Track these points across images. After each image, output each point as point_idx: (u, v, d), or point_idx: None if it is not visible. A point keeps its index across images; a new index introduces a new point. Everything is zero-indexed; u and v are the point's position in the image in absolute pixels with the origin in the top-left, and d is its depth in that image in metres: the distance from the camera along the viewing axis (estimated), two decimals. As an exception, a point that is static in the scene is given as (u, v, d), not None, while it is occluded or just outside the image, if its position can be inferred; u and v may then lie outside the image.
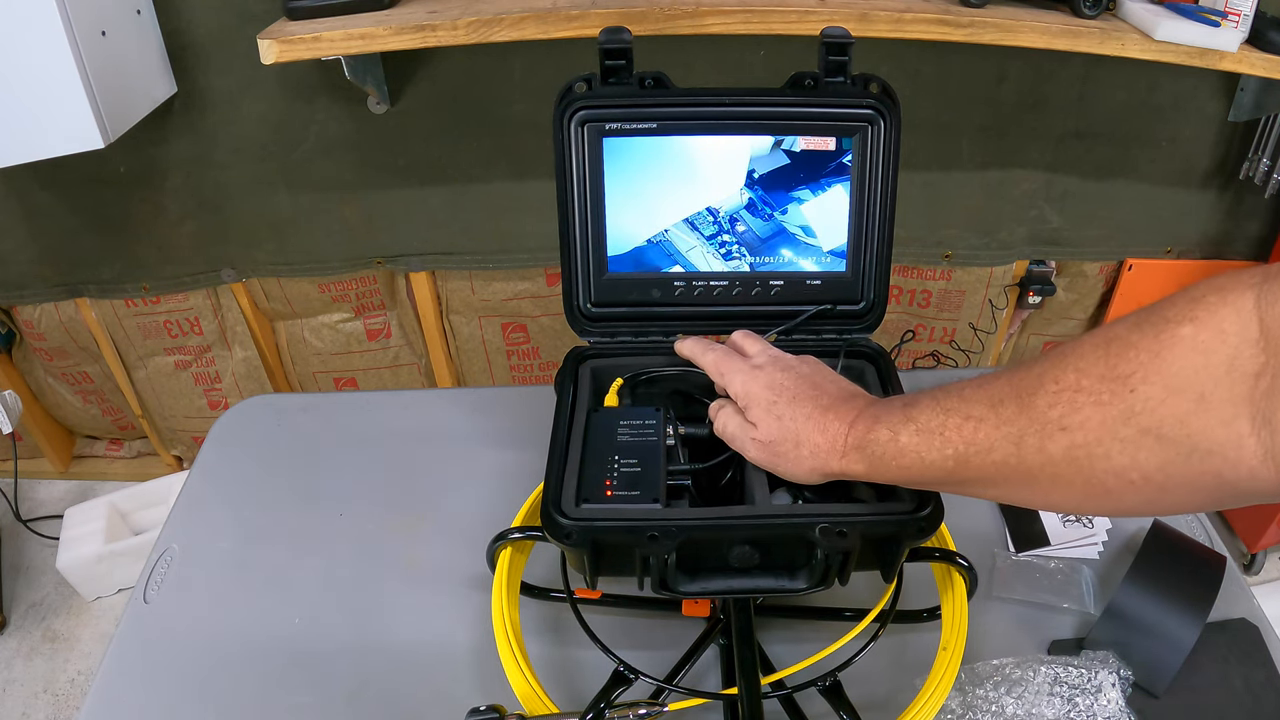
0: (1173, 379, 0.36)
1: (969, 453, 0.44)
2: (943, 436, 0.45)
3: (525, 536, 0.63)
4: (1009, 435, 0.42)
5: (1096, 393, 0.39)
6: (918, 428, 0.47)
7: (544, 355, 1.79)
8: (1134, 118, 1.45)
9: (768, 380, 0.55)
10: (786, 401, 0.54)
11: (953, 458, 0.45)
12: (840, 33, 0.63)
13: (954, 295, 1.69)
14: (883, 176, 0.65)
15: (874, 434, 0.49)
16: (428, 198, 1.55)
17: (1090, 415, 0.39)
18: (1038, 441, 0.41)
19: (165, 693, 0.67)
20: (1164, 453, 0.37)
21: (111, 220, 1.55)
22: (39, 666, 1.61)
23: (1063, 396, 0.40)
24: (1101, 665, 0.62)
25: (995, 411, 0.43)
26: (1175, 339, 0.36)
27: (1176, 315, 0.37)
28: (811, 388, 0.54)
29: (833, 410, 0.52)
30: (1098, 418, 0.39)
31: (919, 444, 0.46)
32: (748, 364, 0.58)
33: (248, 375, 1.79)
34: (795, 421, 0.53)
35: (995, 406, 0.43)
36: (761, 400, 0.54)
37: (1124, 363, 0.38)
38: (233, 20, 1.31)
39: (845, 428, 0.51)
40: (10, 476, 1.87)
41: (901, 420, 0.48)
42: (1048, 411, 0.40)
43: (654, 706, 0.57)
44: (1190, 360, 0.36)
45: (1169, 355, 0.36)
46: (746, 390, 0.56)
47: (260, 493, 0.84)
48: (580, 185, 0.65)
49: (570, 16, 1.12)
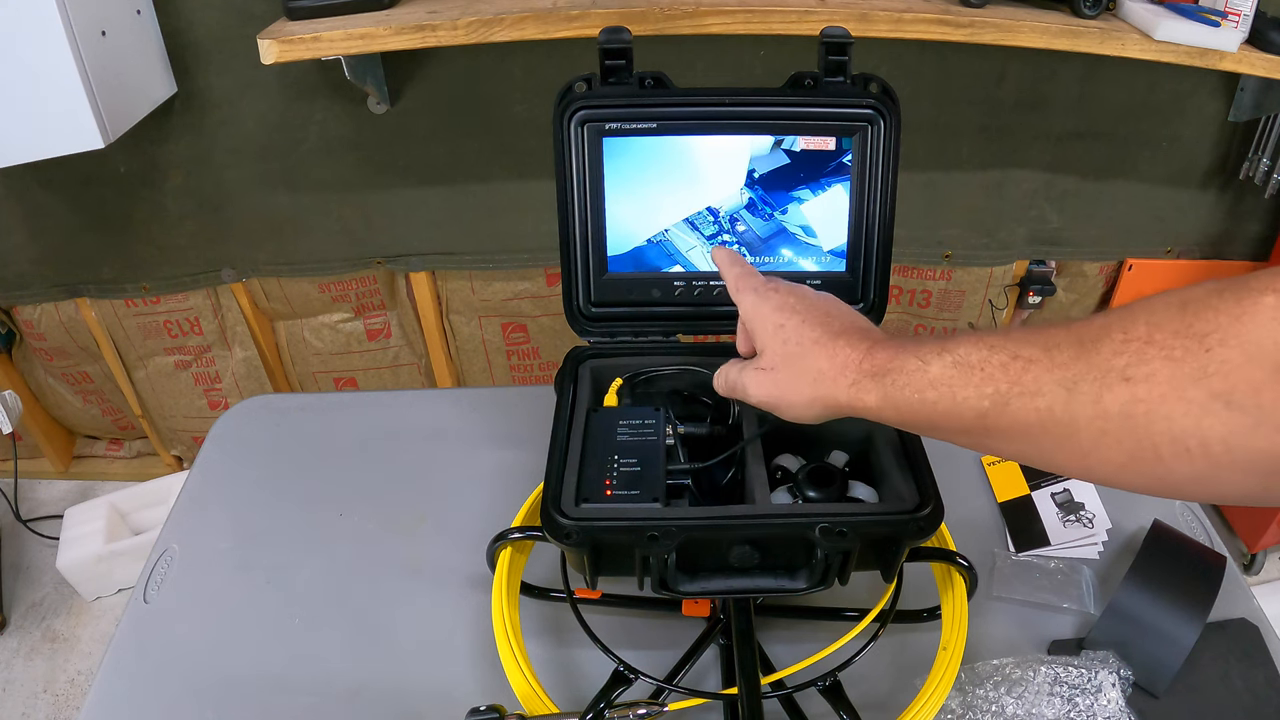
0: (1251, 345, 0.35)
1: (1011, 394, 0.40)
2: (983, 373, 0.42)
3: (525, 536, 0.63)
4: (1062, 379, 0.39)
5: (1169, 347, 0.36)
6: (954, 359, 0.43)
7: (544, 355, 1.79)
8: (1134, 118, 1.45)
9: (779, 302, 0.52)
10: (795, 325, 0.51)
11: (990, 398, 0.41)
12: (840, 33, 0.63)
13: (954, 295, 1.69)
14: (883, 176, 0.65)
15: (898, 361, 0.45)
16: (428, 198, 1.55)
17: (1159, 369, 0.36)
18: (1095, 390, 0.38)
19: (165, 693, 0.67)
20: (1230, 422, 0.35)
21: (111, 220, 1.55)
22: (39, 666, 1.61)
23: (1130, 346, 0.37)
24: (1101, 665, 0.62)
25: (1049, 354, 0.40)
26: (1258, 306, 0.35)
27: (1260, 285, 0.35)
28: (824, 314, 0.51)
29: (844, 336, 0.49)
30: (1166, 373, 0.36)
31: (954, 377, 0.43)
32: (764, 283, 0.55)
33: (248, 375, 1.79)
34: (801, 345, 0.50)
35: (1050, 349, 0.40)
36: (768, 323, 0.52)
37: (1201, 322, 0.36)
38: (233, 20, 1.31)
39: (859, 354, 0.48)
40: (10, 476, 1.87)
41: (935, 351, 0.44)
42: (1111, 359, 0.38)
43: (654, 706, 0.57)
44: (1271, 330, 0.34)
45: (1250, 321, 0.35)
46: (756, 310, 0.53)
47: (260, 493, 0.84)
48: (580, 185, 0.65)
49: (570, 16, 1.12)
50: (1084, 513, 0.79)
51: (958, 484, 0.83)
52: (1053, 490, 0.80)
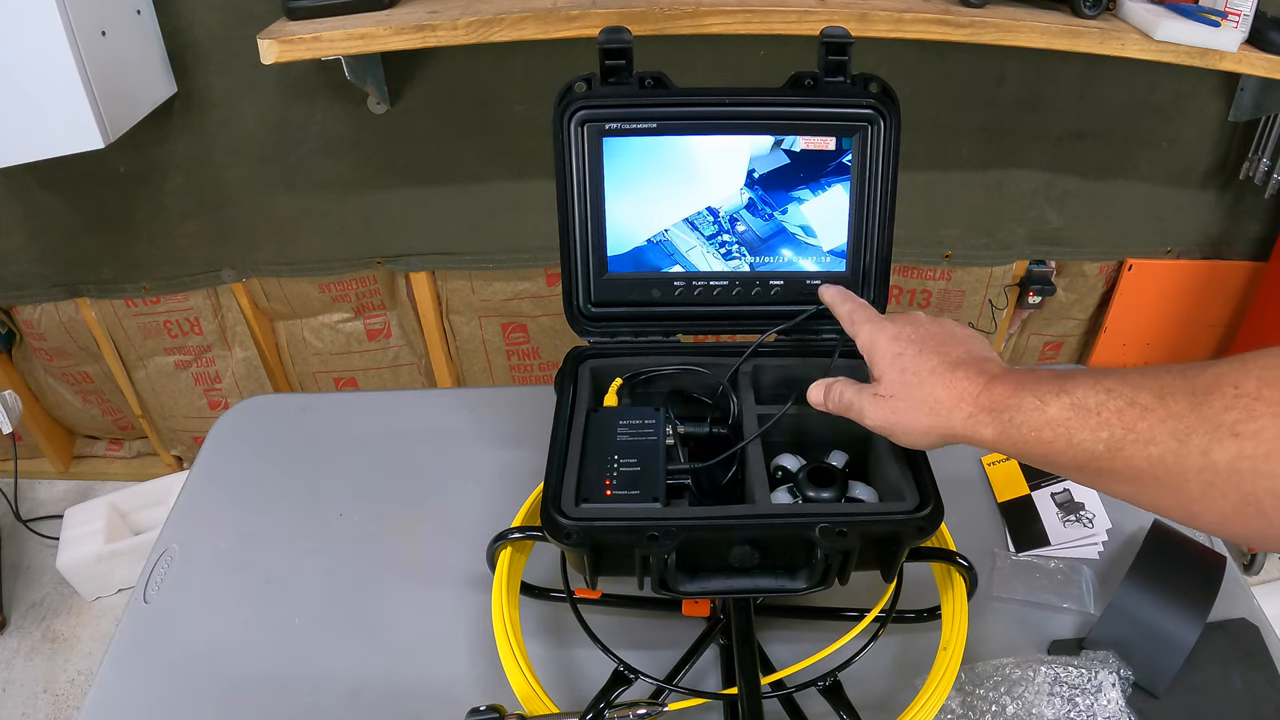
0: None
1: (1125, 440, 0.41)
2: (1099, 417, 0.43)
3: (525, 536, 0.63)
4: (1174, 431, 0.40)
5: (1277, 404, 0.37)
6: (1072, 402, 0.44)
7: (544, 355, 1.79)
8: (1134, 118, 1.45)
9: (895, 331, 0.53)
10: (913, 354, 0.52)
11: (1105, 442, 0.42)
12: (840, 32, 0.63)
13: (954, 295, 1.69)
14: (882, 176, 0.65)
15: (1017, 399, 0.46)
16: (428, 198, 1.55)
17: (1267, 426, 0.37)
18: (1204, 443, 0.39)
19: (165, 693, 0.67)
20: None
21: (111, 220, 1.55)
22: (39, 666, 1.61)
23: (1241, 402, 0.38)
24: (1101, 665, 0.62)
25: (1163, 403, 0.41)
26: None
27: None
28: (939, 343, 0.52)
29: (962, 368, 0.50)
30: (1273, 430, 0.37)
31: (1071, 419, 0.44)
32: (878, 315, 0.56)
33: (248, 375, 1.79)
34: (919, 375, 0.51)
35: (1164, 398, 0.41)
36: (886, 352, 0.53)
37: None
38: (233, 20, 1.31)
39: (977, 387, 0.48)
40: (10, 476, 1.87)
41: (1053, 391, 0.45)
42: (1222, 414, 0.38)
43: (654, 706, 0.57)
44: None
45: None
46: (872, 340, 0.54)
47: (260, 493, 0.84)
48: (580, 185, 0.65)
49: (570, 16, 1.12)
50: (1084, 513, 0.79)
51: (958, 484, 0.83)
52: (1053, 490, 0.80)
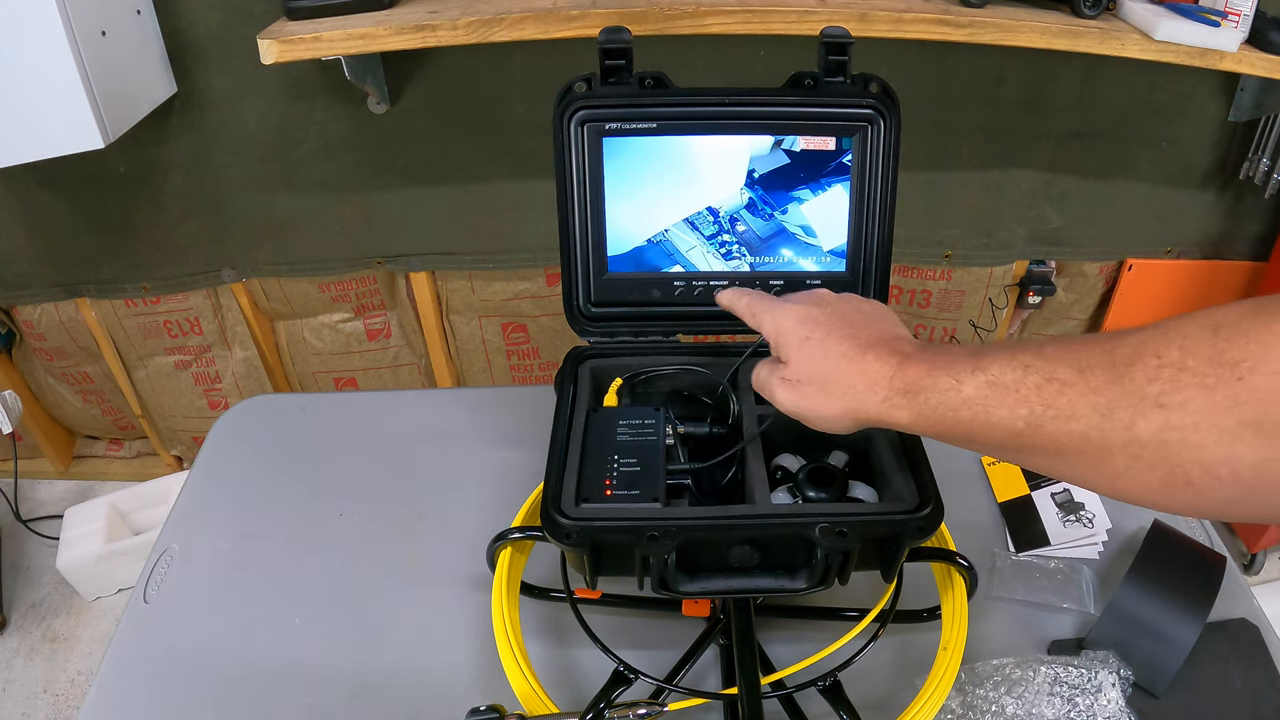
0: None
1: (1045, 417, 0.41)
2: (1017, 394, 0.42)
3: (525, 536, 0.63)
4: (1097, 405, 0.39)
5: (1202, 374, 0.36)
6: (988, 380, 0.43)
7: (544, 355, 1.78)
8: (1134, 118, 1.45)
9: (800, 314, 0.52)
10: (820, 336, 0.50)
11: (1025, 419, 0.41)
12: (840, 33, 0.63)
13: (954, 295, 1.69)
14: (883, 176, 0.65)
15: (932, 379, 0.45)
16: (428, 198, 1.55)
17: (1192, 397, 0.36)
18: (1128, 417, 0.38)
19: (165, 693, 0.67)
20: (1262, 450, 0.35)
21: (111, 220, 1.55)
22: (39, 666, 1.61)
23: (1165, 372, 0.37)
24: (1101, 665, 0.62)
25: (1083, 377, 0.40)
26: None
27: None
28: (849, 325, 0.50)
29: (874, 349, 0.48)
30: (1199, 401, 0.36)
31: (988, 397, 0.43)
32: (780, 300, 0.54)
33: (248, 375, 1.79)
34: (828, 359, 0.49)
35: (1083, 371, 0.40)
36: (793, 336, 0.51)
37: (1234, 349, 0.36)
38: (233, 20, 1.31)
39: (890, 370, 0.47)
40: (10, 476, 1.87)
41: (968, 369, 0.44)
42: (1146, 386, 0.37)
43: (654, 706, 0.57)
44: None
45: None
46: (776, 326, 0.52)
47: (260, 493, 0.84)
48: (580, 185, 0.65)
49: (570, 16, 1.12)
50: (1084, 513, 0.79)
51: (958, 484, 0.83)
52: (1053, 490, 0.80)
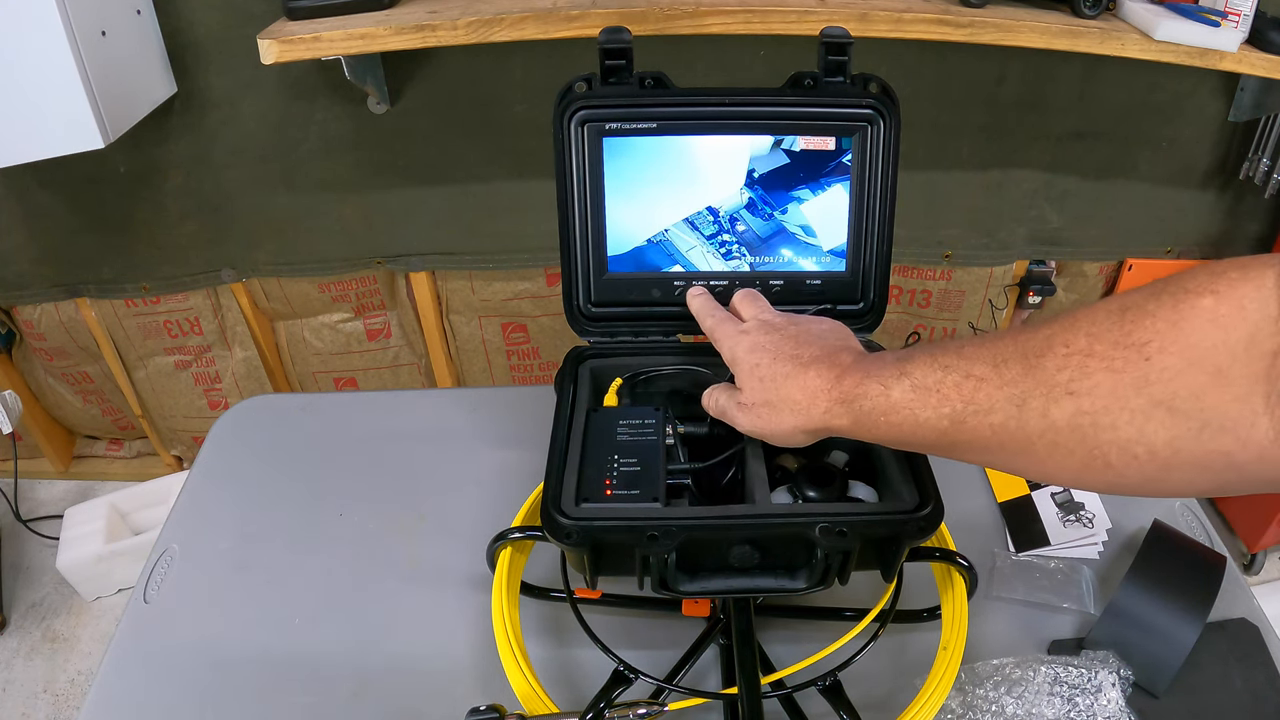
0: (1190, 350, 0.35)
1: (966, 413, 0.42)
2: (939, 394, 0.43)
3: (525, 536, 0.63)
4: (1011, 396, 0.40)
5: (1109, 358, 0.37)
6: (912, 384, 0.45)
7: (544, 355, 1.79)
8: (1134, 118, 1.45)
9: (751, 343, 0.55)
10: (768, 362, 0.53)
11: (948, 417, 0.43)
12: (840, 32, 0.63)
13: (954, 295, 1.69)
14: (882, 176, 0.65)
15: (863, 388, 0.47)
16: (428, 198, 1.55)
17: (1101, 381, 0.37)
18: (1042, 405, 0.39)
19: (165, 693, 0.67)
20: (1174, 427, 0.36)
21: (111, 220, 1.55)
22: (39, 666, 1.61)
23: (1072, 360, 0.38)
24: (1101, 665, 0.62)
25: (998, 371, 0.41)
26: (1195, 310, 0.35)
27: (1197, 287, 0.35)
28: (794, 346, 0.54)
29: (814, 366, 0.51)
30: (1108, 384, 0.37)
31: (913, 401, 0.45)
32: (737, 328, 0.58)
33: (248, 375, 1.79)
34: (775, 381, 0.52)
35: (998, 366, 0.41)
36: (745, 364, 0.55)
37: (1140, 330, 0.36)
38: (233, 20, 1.31)
39: (828, 383, 0.50)
40: (10, 476, 1.87)
41: (894, 375, 0.46)
42: (1055, 374, 0.39)
43: (654, 706, 0.57)
44: (1209, 333, 0.35)
45: (1187, 326, 0.35)
46: (733, 355, 0.56)
47: (260, 493, 0.84)
48: (580, 185, 0.65)
49: (570, 16, 1.12)
50: (1084, 513, 0.79)
51: (958, 484, 0.83)
52: (1053, 490, 0.80)
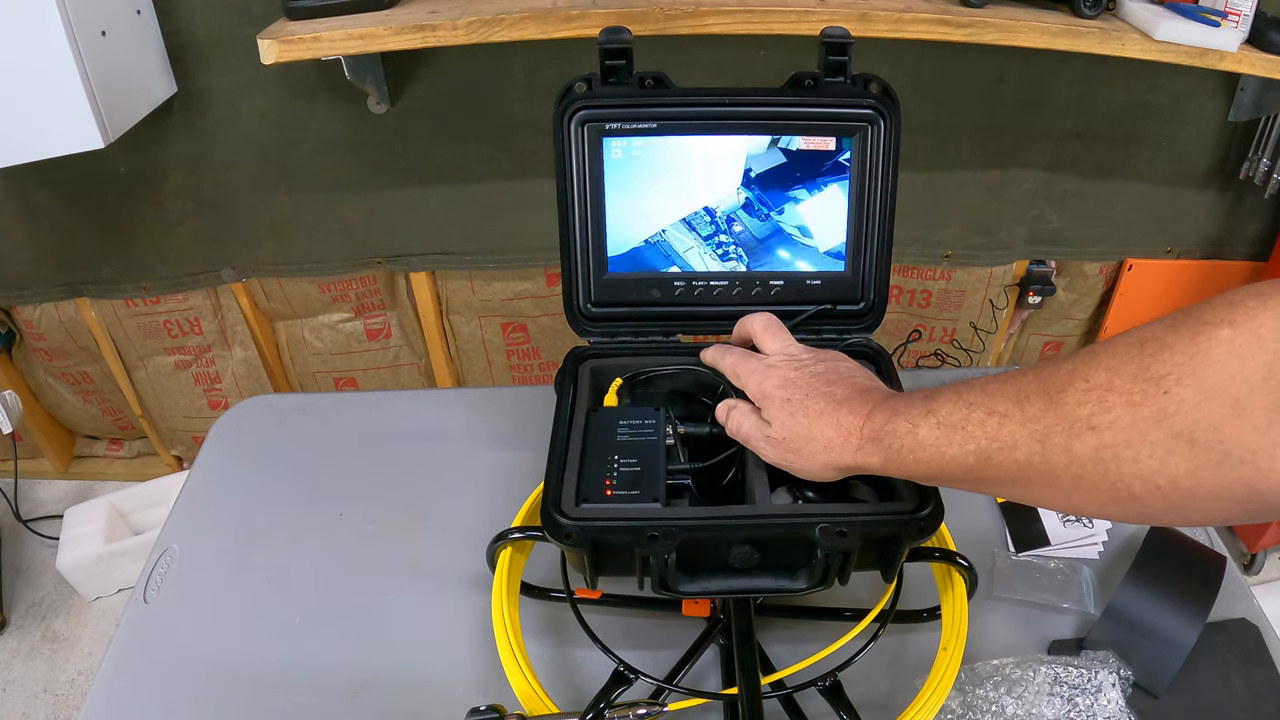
0: (1208, 383, 0.35)
1: (991, 449, 0.43)
2: (964, 431, 0.44)
3: (525, 536, 0.63)
4: (1034, 433, 0.41)
5: (1128, 393, 0.38)
6: (939, 421, 0.46)
7: (544, 355, 1.79)
8: (1134, 118, 1.45)
9: (781, 379, 0.55)
10: (800, 398, 0.54)
11: (974, 454, 0.44)
12: (840, 33, 0.63)
13: (954, 295, 1.69)
14: (882, 176, 0.65)
15: (892, 426, 0.48)
16: (428, 198, 1.55)
17: (1121, 415, 0.38)
18: (1064, 440, 0.40)
19: (165, 693, 0.67)
20: (1195, 459, 0.36)
21: (111, 220, 1.55)
22: (39, 666, 1.61)
23: (1093, 395, 0.39)
24: (1101, 665, 0.62)
25: (1021, 407, 0.42)
26: (1212, 342, 0.35)
27: (1214, 318, 0.36)
28: (825, 384, 0.54)
29: (846, 404, 0.52)
30: (1128, 418, 0.38)
31: (939, 438, 0.46)
32: (763, 363, 0.58)
33: (248, 375, 1.79)
34: (808, 417, 0.52)
35: (1021, 402, 0.42)
36: (775, 398, 0.55)
37: (1158, 364, 0.37)
38: (233, 20, 1.31)
39: (860, 420, 0.50)
40: (10, 476, 1.87)
41: (922, 413, 0.47)
42: (1076, 410, 0.40)
43: (654, 706, 0.57)
44: (1227, 365, 0.35)
45: (1205, 358, 0.36)
46: (761, 390, 0.56)
47: (260, 493, 0.84)
48: (580, 185, 0.65)
49: (570, 16, 1.12)
50: (1084, 513, 0.79)
51: (958, 484, 0.83)
52: (1053, 490, 0.80)
